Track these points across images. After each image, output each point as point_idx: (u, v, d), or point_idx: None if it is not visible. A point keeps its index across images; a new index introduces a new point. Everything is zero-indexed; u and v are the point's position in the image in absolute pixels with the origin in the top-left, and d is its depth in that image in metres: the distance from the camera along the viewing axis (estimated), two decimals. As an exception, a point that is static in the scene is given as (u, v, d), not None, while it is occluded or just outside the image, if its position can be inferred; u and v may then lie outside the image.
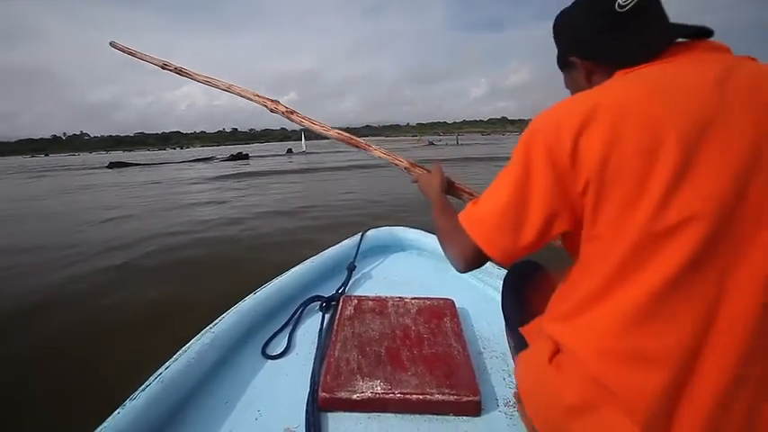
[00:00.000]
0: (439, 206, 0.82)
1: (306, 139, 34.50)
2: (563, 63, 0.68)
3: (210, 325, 1.13)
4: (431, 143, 39.23)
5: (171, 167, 19.62)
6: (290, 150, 30.36)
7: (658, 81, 0.51)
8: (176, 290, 2.77)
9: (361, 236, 1.92)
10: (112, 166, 21.81)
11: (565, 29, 0.67)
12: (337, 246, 1.84)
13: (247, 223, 4.89)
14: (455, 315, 1.22)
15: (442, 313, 1.23)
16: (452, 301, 1.30)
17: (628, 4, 0.56)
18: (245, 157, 23.81)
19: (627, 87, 0.52)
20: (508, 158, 0.61)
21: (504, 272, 1.04)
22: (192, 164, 22.21)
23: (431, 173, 1.02)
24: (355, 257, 1.74)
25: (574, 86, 0.67)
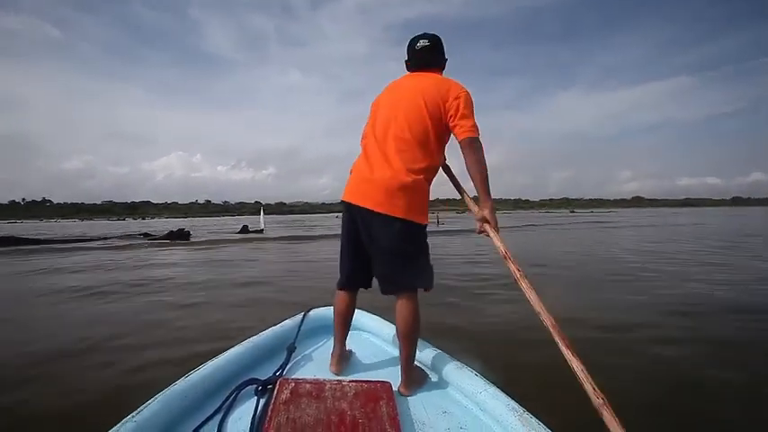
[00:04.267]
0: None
1: (264, 214, 29.02)
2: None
3: (133, 413, 1.07)
4: None
5: (66, 250, 13.59)
6: (244, 228, 23.78)
7: (402, 80, 1.59)
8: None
9: (303, 315, 1.90)
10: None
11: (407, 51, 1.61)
12: (278, 325, 1.81)
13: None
14: (391, 399, 1.22)
15: (378, 397, 1.22)
16: (389, 385, 1.31)
17: (418, 48, 1.56)
18: (186, 236, 18.69)
19: (401, 79, 1.60)
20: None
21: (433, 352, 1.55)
22: (106, 242, 17.02)
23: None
24: (296, 338, 1.72)
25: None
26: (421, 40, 1.53)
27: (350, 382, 1.31)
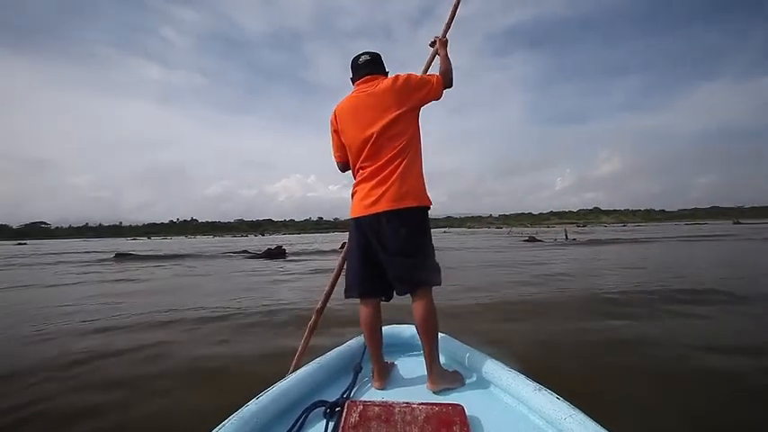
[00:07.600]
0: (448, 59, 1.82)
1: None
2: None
3: None
4: (532, 238, 27.60)
5: (171, 263, 16.65)
6: (344, 245, 19.32)
7: (357, 99, 1.66)
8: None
9: None
10: (118, 257, 20.72)
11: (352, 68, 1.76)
12: (344, 345, 1.83)
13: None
14: (465, 423, 1.19)
15: (451, 421, 1.19)
16: (462, 408, 1.26)
17: (361, 62, 1.72)
18: (281, 254, 19.67)
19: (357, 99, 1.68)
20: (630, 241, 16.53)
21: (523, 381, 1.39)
22: (207, 259, 18.92)
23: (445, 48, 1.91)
24: (362, 358, 1.71)
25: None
26: (363, 56, 1.71)
27: (420, 404, 1.27)
